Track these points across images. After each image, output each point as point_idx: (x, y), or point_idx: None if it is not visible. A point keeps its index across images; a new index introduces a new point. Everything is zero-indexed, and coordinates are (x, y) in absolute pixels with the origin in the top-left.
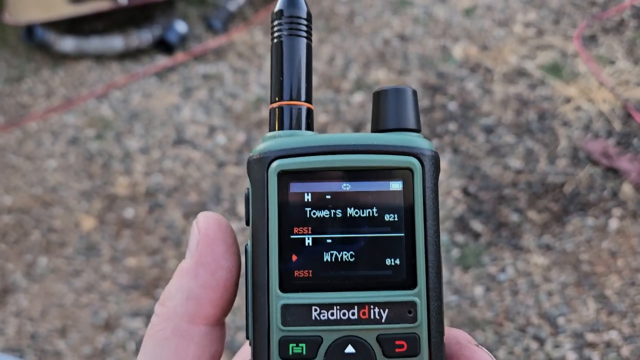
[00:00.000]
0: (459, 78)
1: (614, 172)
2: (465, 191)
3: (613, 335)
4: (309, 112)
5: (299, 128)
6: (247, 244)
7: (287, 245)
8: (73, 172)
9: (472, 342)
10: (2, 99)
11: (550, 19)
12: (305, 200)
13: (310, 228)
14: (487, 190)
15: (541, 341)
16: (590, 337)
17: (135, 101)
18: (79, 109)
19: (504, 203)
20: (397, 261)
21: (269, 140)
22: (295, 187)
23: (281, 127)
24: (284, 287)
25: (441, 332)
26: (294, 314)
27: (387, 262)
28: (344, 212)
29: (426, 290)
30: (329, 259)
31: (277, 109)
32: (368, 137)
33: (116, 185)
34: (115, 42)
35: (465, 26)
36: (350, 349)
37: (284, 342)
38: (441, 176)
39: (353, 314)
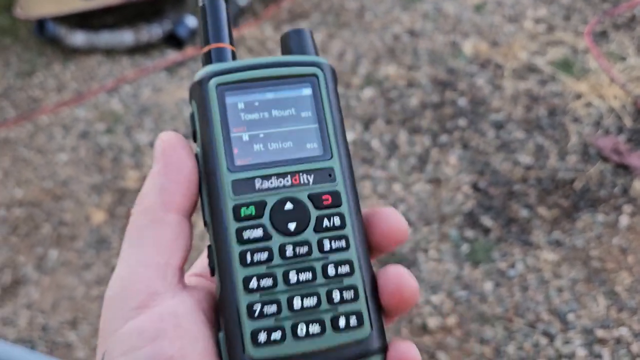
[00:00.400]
0: (469, 74)
1: (624, 169)
2: (475, 187)
3: (623, 331)
4: (233, 52)
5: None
6: (196, 150)
7: (228, 142)
8: (84, 165)
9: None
10: (13, 93)
11: (560, 15)
12: (239, 107)
13: (245, 127)
14: (497, 186)
15: (551, 337)
16: (600, 333)
17: (145, 95)
18: (89, 103)
19: (514, 199)
20: (315, 144)
21: (204, 69)
22: (229, 98)
23: (211, 62)
24: (231, 169)
25: (354, 188)
26: (242, 186)
27: (307, 146)
28: (270, 113)
29: (339, 159)
30: (261, 147)
31: (208, 53)
32: (281, 57)
33: (126, 179)
34: (126, 37)
35: (476, 22)
36: (289, 206)
37: (236, 208)
38: (450, 171)
39: (287, 180)
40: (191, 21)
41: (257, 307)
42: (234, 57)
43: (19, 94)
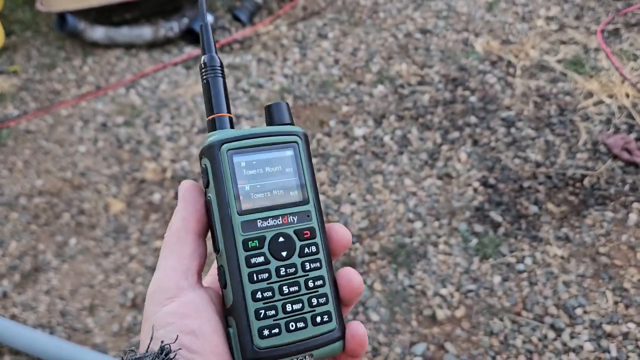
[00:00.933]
0: (480, 71)
1: (635, 167)
2: (484, 183)
3: (631, 327)
4: (230, 119)
5: (226, 128)
6: (209, 196)
7: (237, 192)
8: (102, 157)
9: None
10: (33, 85)
11: (572, 14)
12: (242, 165)
13: (246, 180)
14: (507, 182)
15: (559, 331)
16: (607, 328)
17: (162, 90)
18: (108, 97)
19: (524, 195)
20: (296, 192)
21: (214, 136)
22: (236, 158)
23: (215, 129)
24: (239, 213)
25: (323, 223)
26: (248, 225)
27: (291, 194)
28: (264, 169)
29: (313, 203)
30: (261, 195)
31: (212, 119)
32: (270, 128)
33: (144, 170)
34: (144, 32)
35: (488, 20)
36: (281, 239)
37: (245, 241)
38: (461, 167)
39: (279, 220)
40: (209, 18)
41: (262, 312)
42: (231, 122)
43: (39, 87)
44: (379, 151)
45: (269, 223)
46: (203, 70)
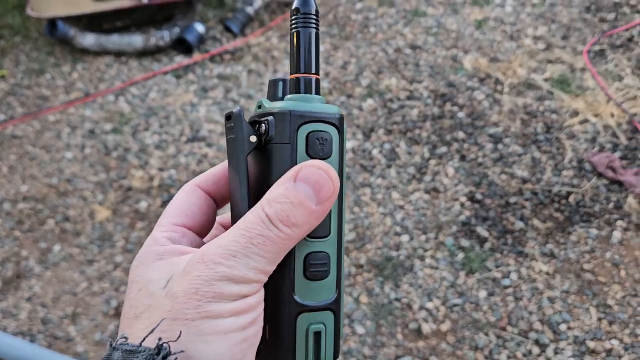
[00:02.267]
0: (468, 88)
1: (619, 185)
2: (471, 198)
3: (615, 344)
4: (317, 80)
5: (311, 92)
6: None
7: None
8: (89, 164)
9: None
10: (21, 90)
11: (559, 34)
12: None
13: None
14: (493, 198)
15: (543, 347)
16: (591, 344)
17: (152, 98)
18: (97, 103)
19: (510, 211)
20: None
21: (295, 101)
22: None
23: (299, 91)
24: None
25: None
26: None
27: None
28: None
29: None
30: None
31: (296, 79)
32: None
33: (131, 178)
34: (135, 40)
35: (476, 38)
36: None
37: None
38: (448, 182)
39: None
40: (200, 27)
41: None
42: (317, 84)
43: (26, 92)
44: (367, 164)
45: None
46: (293, 18)
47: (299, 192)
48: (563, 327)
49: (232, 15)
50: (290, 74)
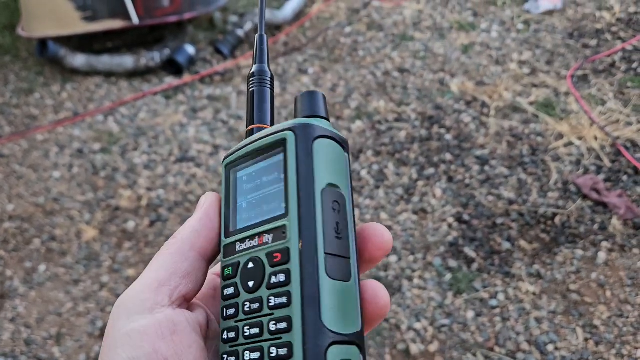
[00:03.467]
0: (455, 111)
1: (603, 207)
2: (459, 219)
3: None
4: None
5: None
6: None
7: (229, 211)
8: (76, 183)
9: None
10: (9, 110)
11: (544, 59)
12: (243, 179)
13: (244, 196)
14: (481, 219)
15: None
16: None
17: (141, 118)
18: (86, 123)
19: (497, 232)
20: (278, 202)
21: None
22: (239, 173)
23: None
24: (226, 235)
25: (314, 243)
26: (228, 250)
27: (273, 205)
28: (259, 180)
29: (295, 216)
30: (248, 212)
31: (250, 130)
32: (270, 129)
33: (119, 198)
34: (126, 61)
35: (463, 62)
36: (251, 265)
37: (223, 269)
38: (436, 203)
39: (255, 241)
40: (190, 49)
41: (225, 357)
42: None
43: (15, 111)
44: (355, 185)
45: (245, 245)
46: (251, 80)
47: None
48: (550, 347)
49: (222, 37)
50: (247, 126)
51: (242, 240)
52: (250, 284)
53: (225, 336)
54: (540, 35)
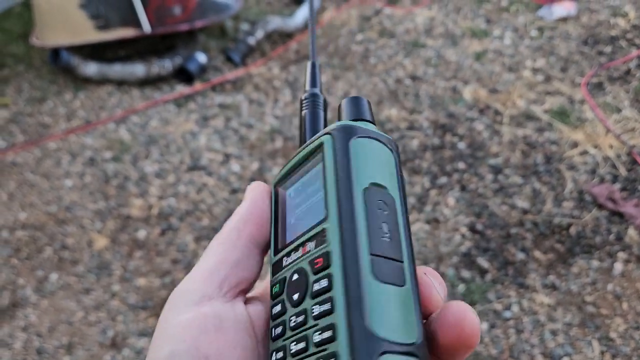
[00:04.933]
0: (468, 119)
1: (619, 217)
2: (472, 228)
3: None
4: None
5: None
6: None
7: (278, 228)
8: (88, 192)
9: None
10: (23, 118)
11: (558, 66)
12: (291, 195)
13: (292, 212)
14: (494, 229)
15: None
16: None
17: (153, 126)
18: (97, 132)
19: (511, 242)
20: (320, 208)
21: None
22: (286, 191)
23: None
24: (274, 253)
25: (353, 241)
26: (276, 268)
27: (315, 213)
28: (304, 193)
29: (336, 218)
30: (295, 227)
31: None
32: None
33: (130, 206)
34: (137, 69)
35: (476, 69)
36: (295, 277)
37: (271, 288)
38: (448, 212)
39: (299, 252)
40: (202, 57)
41: None
42: None
43: (28, 120)
44: None
45: (291, 259)
46: (305, 102)
47: None
48: None
49: (233, 45)
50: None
51: (288, 254)
52: (295, 296)
53: (273, 359)
54: (554, 42)
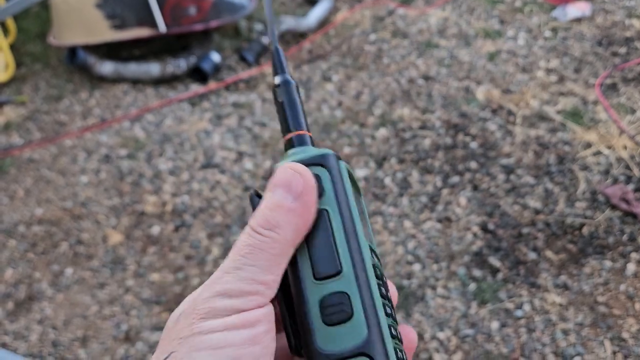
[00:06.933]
0: (481, 119)
1: (633, 217)
2: (484, 228)
3: None
4: (311, 138)
5: (308, 146)
6: (326, 208)
7: (354, 211)
8: (103, 188)
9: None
10: (40, 116)
11: (572, 67)
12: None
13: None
14: (506, 228)
15: None
16: None
17: (167, 124)
18: (113, 129)
19: (522, 241)
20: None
21: (303, 153)
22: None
23: (293, 147)
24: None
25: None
26: (371, 252)
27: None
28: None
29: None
30: (361, 219)
31: (291, 138)
32: None
33: (145, 203)
34: (152, 68)
35: (489, 69)
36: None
37: (374, 267)
38: (460, 211)
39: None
40: (216, 57)
41: (397, 351)
42: (312, 141)
43: (45, 118)
44: (379, 192)
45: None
46: (279, 89)
47: (274, 196)
48: None
49: (247, 45)
50: (284, 135)
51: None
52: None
53: (393, 332)
54: (568, 42)
